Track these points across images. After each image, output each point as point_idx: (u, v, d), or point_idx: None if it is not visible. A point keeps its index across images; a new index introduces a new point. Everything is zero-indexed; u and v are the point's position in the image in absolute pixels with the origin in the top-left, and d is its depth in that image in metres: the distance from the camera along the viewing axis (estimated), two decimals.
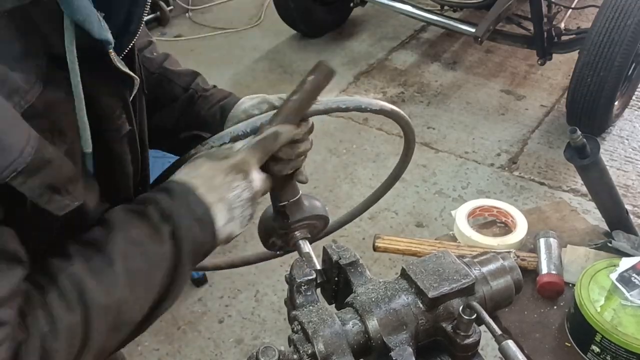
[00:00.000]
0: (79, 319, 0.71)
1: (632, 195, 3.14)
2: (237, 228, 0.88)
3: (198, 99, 1.12)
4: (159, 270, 0.80)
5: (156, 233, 0.80)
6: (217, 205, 0.85)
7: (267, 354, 0.80)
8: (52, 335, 0.69)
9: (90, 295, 0.72)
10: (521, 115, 3.77)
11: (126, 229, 0.79)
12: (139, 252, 0.78)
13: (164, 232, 0.80)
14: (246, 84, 4.07)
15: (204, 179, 0.86)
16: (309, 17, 4.31)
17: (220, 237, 0.86)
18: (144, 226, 0.80)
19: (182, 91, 1.12)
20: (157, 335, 2.49)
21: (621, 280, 1.28)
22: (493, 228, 1.63)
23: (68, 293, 0.71)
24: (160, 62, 1.15)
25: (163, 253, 0.80)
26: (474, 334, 0.87)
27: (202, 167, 0.88)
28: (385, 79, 4.12)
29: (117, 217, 0.81)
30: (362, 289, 0.92)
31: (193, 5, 4.99)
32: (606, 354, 1.23)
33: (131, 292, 0.77)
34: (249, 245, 2.76)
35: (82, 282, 0.73)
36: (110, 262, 0.76)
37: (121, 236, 0.78)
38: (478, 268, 0.95)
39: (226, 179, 0.86)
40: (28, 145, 0.65)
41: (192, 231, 0.82)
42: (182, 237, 0.81)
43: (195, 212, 0.83)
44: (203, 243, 0.84)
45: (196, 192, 0.84)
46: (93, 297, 0.73)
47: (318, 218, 1.11)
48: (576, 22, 4.27)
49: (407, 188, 3.19)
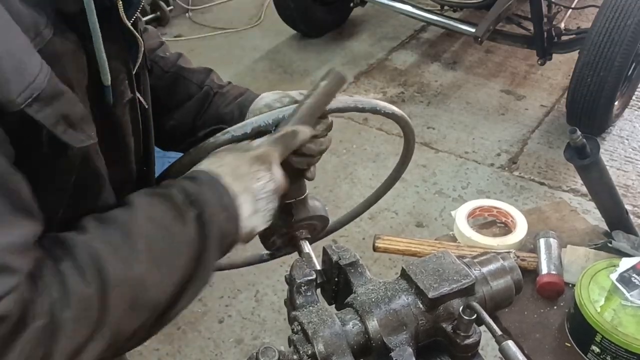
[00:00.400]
0: (94, 291, 0.68)
1: (632, 195, 3.14)
2: (261, 222, 0.87)
3: (214, 96, 1.12)
4: (183, 252, 0.77)
5: (180, 215, 0.78)
6: (243, 195, 0.83)
7: (267, 354, 0.80)
8: (63, 303, 0.66)
9: (108, 269, 0.69)
10: (521, 115, 3.77)
11: (148, 209, 0.77)
12: (161, 231, 0.76)
13: (188, 215, 0.78)
14: (246, 84, 4.00)
15: (230, 168, 0.85)
16: (309, 17, 4.31)
17: (244, 230, 0.84)
18: (167, 207, 0.78)
19: (197, 89, 1.12)
20: (157, 335, 2.48)
21: (621, 281, 1.28)
22: (493, 228, 1.63)
23: (84, 264, 0.69)
24: (175, 60, 1.15)
25: (188, 235, 0.77)
26: (474, 334, 0.87)
27: (226, 157, 0.87)
28: (385, 79, 4.12)
29: (138, 198, 0.79)
30: (362, 290, 0.92)
31: (193, 5, 4.99)
32: (606, 354, 1.23)
33: (152, 270, 0.73)
34: (249, 245, 2.76)
35: (99, 255, 0.70)
36: (130, 238, 0.73)
37: (143, 215, 0.76)
38: (478, 268, 0.95)
39: (251, 169, 0.85)
40: (41, 73, 0.66)
41: (219, 218, 0.80)
42: (208, 222, 0.79)
43: (222, 200, 0.81)
44: (228, 233, 0.82)
45: (222, 181, 0.82)
46: (111, 270, 0.69)
47: (319, 218, 1.12)
48: (576, 22, 4.27)
49: (407, 188, 3.19)
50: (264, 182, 0.85)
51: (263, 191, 0.85)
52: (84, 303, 0.67)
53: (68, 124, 0.70)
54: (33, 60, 0.66)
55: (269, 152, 0.88)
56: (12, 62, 0.64)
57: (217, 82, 1.14)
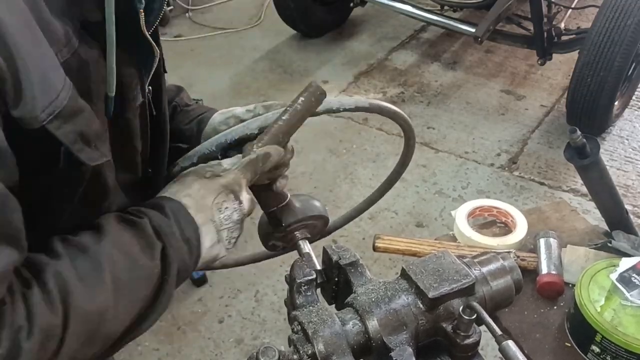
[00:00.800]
0: (58, 321, 0.68)
1: (632, 195, 3.14)
2: (223, 250, 0.88)
3: (179, 114, 1.13)
4: (145, 285, 0.78)
5: (148, 248, 0.79)
6: (206, 227, 0.85)
7: (267, 354, 0.79)
8: (27, 331, 0.66)
9: (73, 298, 0.70)
10: (521, 115, 3.77)
11: (118, 238, 0.78)
12: (128, 263, 0.77)
13: (156, 248, 0.79)
14: (246, 84, 4.07)
15: (194, 199, 0.86)
16: (309, 17, 4.31)
17: (204, 259, 0.86)
18: (135, 239, 0.79)
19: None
20: (157, 335, 2.49)
21: (621, 280, 1.28)
22: (493, 228, 1.63)
23: (52, 292, 0.69)
24: None
25: (152, 269, 0.79)
26: (474, 334, 0.87)
27: (193, 185, 0.88)
28: (385, 79, 4.12)
29: (109, 224, 0.80)
30: (362, 289, 0.92)
31: (193, 5, 4.99)
32: (606, 354, 1.23)
33: (115, 302, 0.74)
34: (249, 245, 2.76)
35: (67, 283, 0.70)
36: (98, 267, 0.74)
37: (112, 244, 0.77)
38: (478, 268, 0.95)
39: (217, 200, 0.86)
40: (63, 90, 0.67)
41: (181, 252, 0.82)
42: (171, 257, 0.80)
43: (184, 233, 0.83)
44: (188, 266, 0.84)
45: (187, 211, 0.84)
46: (76, 301, 0.70)
47: (317, 218, 1.11)
48: (576, 22, 4.27)
49: (407, 188, 3.19)
50: (229, 213, 0.87)
51: (227, 222, 0.87)
52: (45, 333, 0.67)
53: (84, 141, 0.72)
54: (58, 76, 0.67)
55: (236, 180, 0.88)
56: (39, 78, 0.65)
57: (185, 101, 1.15)
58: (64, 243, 0.75)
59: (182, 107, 1.14)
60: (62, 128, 0.68)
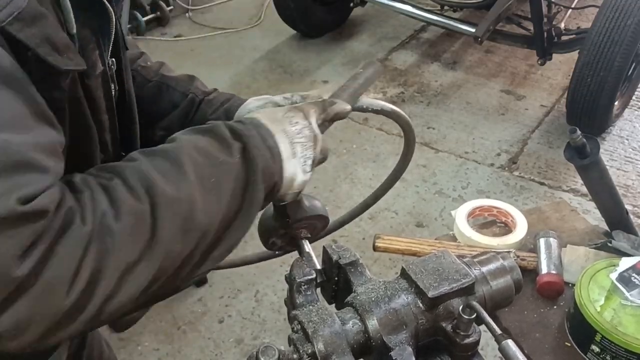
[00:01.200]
0: (146, 207, 0.67)
1: (632, 195, 3.14)
2: (300, 171, 0.85)
3: (200, 103, 1.11)
4: (230, 181, 0.76)
5: (227, 147, 0.78)
6: (280, 135, 0.83)
7: (267, 353, 0.79)
8: (114, 214, 0.64)
9: (158, 188, 0.68)
10: (521, 115, 3.77)
11: (195, 140, 0.77)
12: (208, 160, 0.75)
13: (234, 147, 0.78)
14: (246, 84, 4.07)
15: (266, 113, 0.86)
16: (309, 17, 4.31)
17: (286, 173, 0.83)
18: (213, 139, 0.78)
19: (181, 97, 1.12)
20: (157, 335, 2.49)
21: (621, 280, 1.28)
22: (493, 228, 1.63)
23: (133, 183, 0.67)
24: (157, 69, 1.14)
25: (234, 165, 0.77)
26: (474, 333, 0.87)
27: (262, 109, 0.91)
28: (385, 79, 4.12)
29: (182, 134, 0.79)
30: (362, 289, 0.92)
31: (193, 5, 4.99)
32: (606, 354, 1.23)
33: (201, 194, 0.72)
34: (249, 245, 2.75)
35: (148, 177, 0.69)
36: (178, 164, 0.73)
37: (189, 145, 0.76)
38: (478, 268, 0.95)
39: (287, 114, 0.86)
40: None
41: (264, 154, 0.80)
42: (254, 157, 0.78)
43: (265, 140, 0.81)
44: (273, 173, 0.82)
45: (263, 123, 0.83)
46: (161, 190, 0.68)
47: (318, 218, 1.11)
48: (576, 22, 4.27)
49: (407, 188, 3.19)
50: (300, 127, 0.85)
51: (299, 135, 0.85)
52: (135, 217, 0.66)
53: (52, 47, 0.68)
54: None
55: (305, 107, 0.89)
56: None
57: (201, 89, 1.13)
58: (139, 152, 0.74)
59: (202, 96, 1.12)
60: (24, 31, 0.65)
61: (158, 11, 4.72)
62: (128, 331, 2.45)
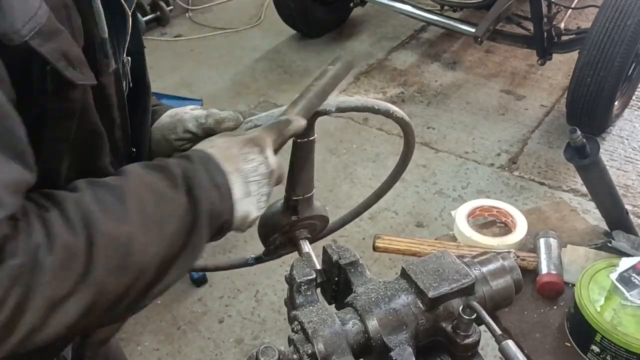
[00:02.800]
0: (81, 242, 0.65)
1: (632, 195, 3.14)
2: (254, 208, 0.84)
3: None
4: (174, 221, 0.75)
5: (174, 185, 0.76)
6: (234, 175, 0.81)
7: (267, 353, 0.79)
8: (47, 247, 0.63)
9: (96, 222, 0.67)
10: (521, 115, 3.77)
11: (142, 177, 0.76)
12: (153, 197, 0.74)
13: (181, 186, 0.76)
14: (246, 84, 4.07)
15: (220, 148, 0.83)
16: (309, 17, 4.31)
17: (237, 213, 0.82)
18: (161, 177, 0.77)
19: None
20: (157, 335, 2.49)
21: (621, 280, 1.28)
22: (493, 228, 1.63)
23: (72, 216, 0.66)
24: None
25: (180, 204, 0.76)
26: (474, 333, 0.87)
27: (216, 140, 0.86)
28: (385, 79, 4.12)
29: (132, 168, 0.78)
30: (362, 289, 0.92)
31: (193, 5, 4.99)
32: (606, 354, 1.23)
33: (141, 231, 0.71)
34: (249, 245, 2.76)
35: (88, 209, 0.67)
36: (121, 198, 0.71)
37: (136, 180, 0.75)
38: (478, 268, 0.95)
39: (242, 151, 0.83)
40: (41, 9, 0.66)
41: (211, 195, 0.78)
42: (200, 197, 0.77)
43: (213, 178, 0.79)
44: (221, 212, 0.80)
45: (214, 159, 0.81)
46: (99, 225, 0.67)
47: (319, 218, 1.12)
48: (576, 22, 4.27)
49: (407, 188, 3.19)
50: (256, 165, 0.83)
51: (254, 174, 0.83)
52: (68, 252, 0.64)
53: (68, 62, 0.69)
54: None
55: (260, 136, 0.86)
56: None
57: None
58: (85, 181, 0.73)
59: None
60: (44, 45, 0.66)
61: (158, 11, 4.72)
62: (128, 331, 2.46)
